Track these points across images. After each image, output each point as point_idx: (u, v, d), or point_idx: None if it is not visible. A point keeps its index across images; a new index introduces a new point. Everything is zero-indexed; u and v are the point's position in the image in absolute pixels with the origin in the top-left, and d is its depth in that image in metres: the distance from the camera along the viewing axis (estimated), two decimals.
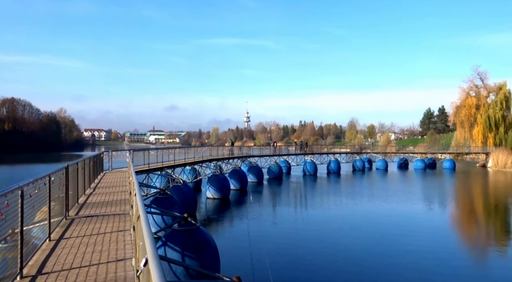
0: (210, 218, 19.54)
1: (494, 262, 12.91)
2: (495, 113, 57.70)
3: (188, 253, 9.12)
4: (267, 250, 12.73)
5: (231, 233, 16.47)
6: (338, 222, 18.23)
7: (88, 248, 5.87)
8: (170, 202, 15.68)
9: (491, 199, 28.39)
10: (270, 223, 17.83)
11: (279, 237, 15.30)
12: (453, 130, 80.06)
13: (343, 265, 11.75)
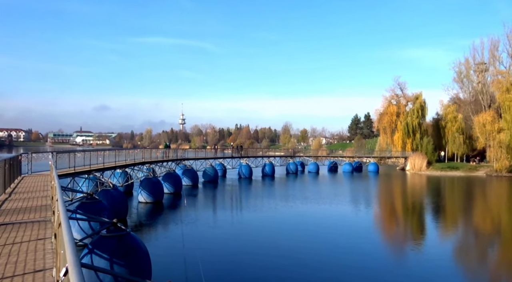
0: (142, 223, 18.81)
1: (412, 257, 14.08)
2: (412, 120, 63.15)
3: (117, 260, 8.67)
4: (202, 255, 12.56)
5: (164, 238, 16.01)
6: (274, 224, 18.58)
7: (1, 259, 5.30)
8: (98, 207, 14.81)
9: (409, 199, 31.05)
10: (205, 227, 17.63)
11: (215, 241, 15.18)
12: (377, 136, 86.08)
13: (279, 267, 11.97)
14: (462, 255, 14.82)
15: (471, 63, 68.00)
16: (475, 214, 24.53)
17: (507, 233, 18.77)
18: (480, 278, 12.14)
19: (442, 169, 56.28)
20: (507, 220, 22.26)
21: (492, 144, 56.42)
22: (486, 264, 13.90)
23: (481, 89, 66.22)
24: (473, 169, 56.03)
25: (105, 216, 13.48)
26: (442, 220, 21.96)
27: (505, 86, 55.64)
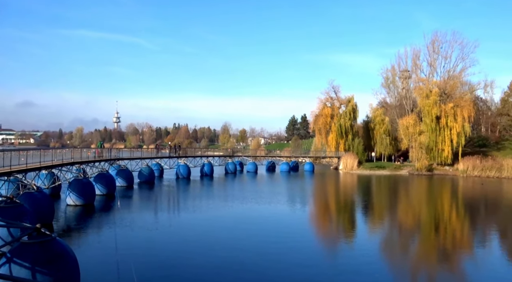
0: (71, 228, 17.63)
1: (344, 252, 14.86)
2: (345, 122, 66.68)
3: (40, 268, 8.03)
4: (137, 259, 12.11)
5: (96, 242, 15.14)
6: (213, 225, 18.46)
7: None
8: (19, 211, 13.62)
9: (341, 197, 32.72)
10: (141, 229, 16.98)
11: (151, 244, 14.67)
12: (313, 137, 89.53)
13: (219, 269, 11.90)
14: (388, 249, 15.96)
15: (396, 70, 73.48)
16: (399, 210, 26.56)
17: (426, 226, 20.57)
18: (402, 269, 13.16)
19: (371, 168, 60.10)
20: (426, 215, 24.39)
21: (414, 145, 61.45)
22: (408, 255, 15.12)
23: (405, 94, 71.88)
24: (398, 168, 60.60)
25: (27, 221, 12.45)
26: (371, 216, 23.46)
27: (425, 92, 60.90)
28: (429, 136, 59.08)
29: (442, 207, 28.60)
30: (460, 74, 64.56)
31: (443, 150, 58.32)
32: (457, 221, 22.85)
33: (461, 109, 58.50)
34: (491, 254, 15.16)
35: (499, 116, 76.97)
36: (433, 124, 58.83)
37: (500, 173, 54.59)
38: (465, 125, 58.54)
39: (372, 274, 11.73)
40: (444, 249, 15.86)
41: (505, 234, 19.44)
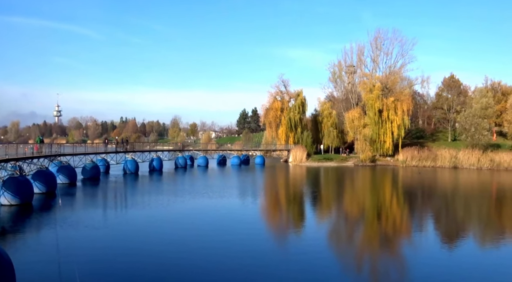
0: (5, 229, 16.38)
1: (293, 243, 15.25)
2: (294, 116, 68.16)
3: None
4: (80, 260, 11.55)
5: (34, 244, 14.19)
6: (164, 221, 18.05)
7: None
8: None
9: (291, 189, 33.52)
10: (85, 228, 16.18)
11: (96, 244, 14.02)
12: (264, 130, 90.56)
13: (170, 266, 11.66)
14: (335, 237, 16.64)
15: (343, 65, 76.25)
16: (345, 200, 27.76)
17: (369, 214, 21.70)
18: (348, 255, 13.80)
19: (319, 160, 62.09)
20: (370, 203, 25.74)
21: (359, 137, 64.36)
22: (353, 242, 15.87)
23: (351, 89, 74.87)
24: (344, 160, 63.17)
25: None
26: (319, 207, 24.29)
27: (369, 87, 63.83)
28: (372, 129, 62.12)
29: (384, 195, 30.33)
30: (400, 70, 68.47)
31: (385, 141, 61.66)
32: (397, 208, 24.34)
33: (401, 103, 62.08)
34: (427, 238, 16.36)
35: (434, 110, 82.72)
36: (376, 118, 61.92)
37: (435, 162, 58.89)
38: (405, 118, 62.30)
39: (320, 261, 12.17)
40: (386, 235, 16.85)
41: (439, 219, 21.06)
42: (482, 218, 21.39)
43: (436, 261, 12.63)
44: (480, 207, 25.13)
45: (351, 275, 11.66)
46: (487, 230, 18.27)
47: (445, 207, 24.92)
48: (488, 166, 56.18)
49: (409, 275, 11.52)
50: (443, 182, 40.83)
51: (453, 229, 18.35)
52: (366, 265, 12.95)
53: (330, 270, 11.62)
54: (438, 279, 10.78)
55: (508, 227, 19.12)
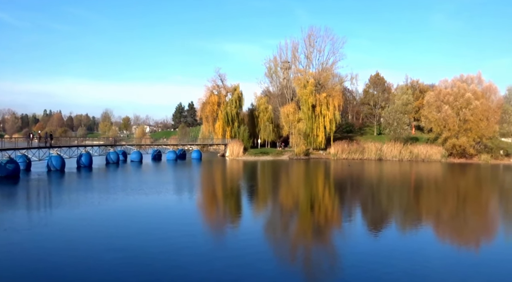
0: None
1: (230, 236, 15.36)
2: (231, 110, 68.33)
3: None
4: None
5: None
6: (95, 220, 17.05)
7: None
8: None
9: (228, 183, 33.66)
10: (3, 232, 14.76)
11: (13, 249, 12.85)
12: (201, 124, 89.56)
13: (101, 267, 11.11)
14: (270, 229, 17.07)
15: (278, 61, 77.91)
16: (280, 192, 28.57)
17: (303, 206, 22.58)
18: (283, 246, 14.25)
19: (256, 154, 63.08)
20: (303, 195, 26.78)
21: (293, 131, 66.45)
22: (288, 233, 16.43)
23: (286, 84, 76.85)
24: (280, 154, 64.87)
25: None
26: (255, 200, 24.72)
27: (303, 83, 66.03)
28: (306, 123, 64.51)
29: (317, 187, 31.74)
30: (331, 67, 71.75)
31: (318, 135, 64.43)
32: (329, 200, 25.65)
33: (332, 98, 65.17)
34: (355, 227, 17.47)
35: (362, 106, 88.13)
36: (310, 113, 64.37)
37: (363, 155, 62.90)
38: (336, 113, 65.58)
39: (256, 254, 12.42)
40: (318, 226, 17.69)
41: (366, 208, 22.59)
42: (403, 205, 23.37)
43: (363, 248, 13.54)
44: (401, 195, 27.44)
45: (285, 266, 12.07)
46: (407, 216, 20.00)
47: (371, 197, 26.79)
48: (408, 157, 61.40)
49: (339, 263, 12.23)
50: (369, 173, 43.79)
51: (378, 217, 19.80)
52: (300, 256, 13.48)
53: (265, 262, 11.91)
54: (364, 265, 11.57)
55: (425, 213, 21.12)
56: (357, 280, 10.42)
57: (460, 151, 59.99)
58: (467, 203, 25.52)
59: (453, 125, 60.87)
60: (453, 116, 61.17)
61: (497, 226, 18.62)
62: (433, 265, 11.80)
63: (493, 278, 10.75)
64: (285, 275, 10.93)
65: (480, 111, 59.92)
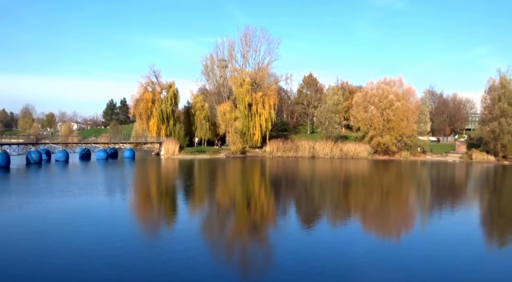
0: None
1: (164, 235, 15.01)
2: (166, 108, 66.62)
3: None
4: None
5: None
6: (17, 227, 15.58)
7: None
8: None
9: (163, 182, 32.80)
10: None
11: None
12: (134, 122, 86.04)
13: (29, 274, 10.20)
14: (207, 227, 17.00)
15: (215, 59, 77.60)
16: (217, 191, 28.54)
17: (240, 203, 22.80)
18: (219, 244, 14.28)
19: (192, 153, 62.27)
20: (240, 193, 27.04)
21: (230, 130, 66.73)
22: (224, 232, 16.48)
23: (223, 82, 76.85)
24: (216, 152, 64.74)
25: None
26: (191, 199, 24.40)
27: (239, 81, 66.55)
28: (242, 122, 65.12)
29: (253, 185, 32.23)
30: (267, 67, 73.21)
31: (254, 134, 65.38)
32: (265, 197, 26.19)
33: (268, 98, 66.53)
34: (290, 222, 18.07)
35: (296, 105, 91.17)
36: (246, 111, 65.07)
37: (297, 152, 65.12)
38: (272, 112, 67.07)
39: (192, 254, 12.31)
40: (254, 223, 18.00)
41: (300, 204, 23.46)
42: (334, 201, 24.66)
43: (297, 243, 14.07)
44: (332, 191, 28.93)
45: (222, 265, 12.12)
46: (337, 211, 21.15)
47: (304, 193, 27.87)
48: (338, 155, 64.81)
49: (274, 260, 12.57)
50: (303, 170, 45.49)
51: (311, 212, 20.68)
52: (236, 255, 13.60)
53: (202, 262, 11.85)
54: (298, 261, 12.03)
55: (353, 207, 22.50)
56: (291, 276, 10.80)
57: (384, 148, 64.75)
58: (390, 197, 27.67)
59: (378, 125, 65.46)
60: (378, 116, 65.77)
61: (415, 217, 20.44)
62: (360, 256, 12.63)
63: (412, 264, 11.81)
64: (221, 276, 10.97)
65: (401, 111, 65.17)
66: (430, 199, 27.14)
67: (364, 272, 11.17)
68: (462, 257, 12.78)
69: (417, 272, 11.14)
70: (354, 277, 10.82)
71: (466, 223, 18.79)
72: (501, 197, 28.51)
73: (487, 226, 18.99)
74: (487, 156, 63.27)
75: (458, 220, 19.36)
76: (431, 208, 22.86)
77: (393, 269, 11.51)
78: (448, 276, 11.00)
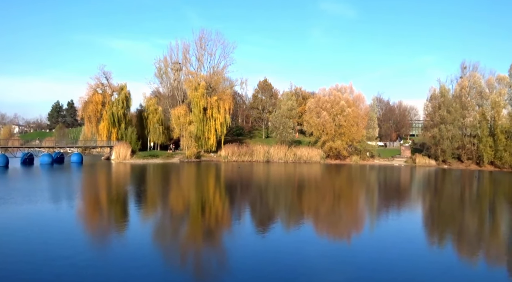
0: None
1: (116, 245, 14.42)
2: (117, 110, 64.33)
3: None
4: None
5: None
6: None
7: None
8: None
9: (113, 188, 31.52)
10: None
11: None
12: (82, 125, 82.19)
13: None
14: (160, 234, 16.57)
15: (169, 61, 76.37)
16: (170, 196, 27.94)
17: (194, 209, 22.49)
18: (172, 251, 13.98)
19: (145, 157, 60.56)
20: (194, 198, 26.67)
21: (185, 134, 65.81)
22: (178, 238, 16.16)
23: (177, 86, 75.71)
24: (170, 156, 63.49)
25: None
26: (143, 205, 23.68)
27: (194, 85, 65.96)
28: (197, 126, 64.50)
29: (208, 190, 31.94)
30: (222, 71, 73.21)
31: (209, 138, 64.96)
32: (220, 202, 26.04)
33: (223, 102, 66.47)
34: (244, 226, 18.11)
35: (251, 110, 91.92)
36: (201, 115, 64.56)
37: (252, 157, 65.56)
38: (227, 116, 67.03)
39: (145, 261, 11.95)
40: (209, 227, 17.82)
41: (254, 208, 23.58)
42: (287, 204, 25.07)
43: (252, 247, 14.13)
44: (286, 195, 29.41)
45: (175, 271, 11.87)
46: (291, 214, 21.52)
47: (259, 197, 28.08)
48: (292, 159, 66.10)
49: (229, 265, 12.53)
50: (258, 174, 45.83)
51: (265, 216, 20.87)
52: (190, 260, 13.39)
53: (155, 268, 11.53)
54: (253, 264, 12.08)
55: (306, 210, 23.02)
56: (245, 281, 10.82)
57: (336, 153, 66.99)
58: (341, 200, 28.64)
59: (330, 130, 67.64)
60: (330, 121, 68.00)
61: (364, 219, 21.32)
62: (314, 258, 12.95)
63: (362, 264, 12.30)
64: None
65: (352, 117, 67.89)
66: (378, 201, 28.44)
67: (317, 275, 11.45)
68: (407, 255, 13.51)
69: (368, 273, 11.61)
70: (308, 280, 11.05)
71: (411, 223, 19.92)
72: (441, 199, 30.53)
73: (428, 226, 20.24)
74: (429, 160, 67.57)
75: (403, 220, 20.48)
76: (379, 210, 23.97)
77: (345, 271, 11.90)
78: (396, 273, 11.57)
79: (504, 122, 64.33)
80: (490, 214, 24.23)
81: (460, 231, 18.74)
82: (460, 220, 21.37)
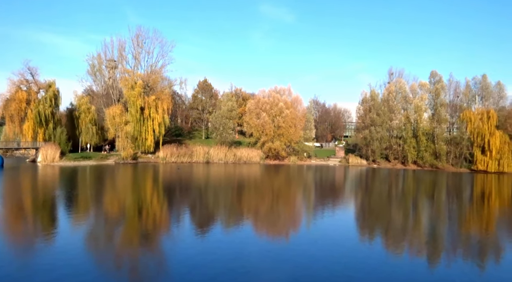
0: None
1: (43, 253, 13.40)
2: (45, 109, 59.69)
3: None
4: None
5: None
6: None
7: None
8: None
9: (39, 193, 29.19)
10: None
11: None
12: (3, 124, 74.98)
13: None
14: (93, 239, 15.70)
15: (103, 58, 72.62)
16: (104, 200, 26.58)
17: (130, 212, 21.63)
18: (107, 256, 13.33)
19: (76, 159, 56.93)
20: (130, 201, 25.65)
21: (121, 134, 63.05)
22: (113, 243, 15.44)
23: (112, 84, 72.26)
24: (104, 158, 60.38)
25: None
26: (74, 210, 22.26)
27: (131, 84, 63.49)
28: (134, 126, 62.11)
29: (145, 192, 30.91)
30: (160, 70, 71.33)
31: (146, 139, 62.84)
32: (157, 204, 25.34)
33: (161, 101, 64.74)
34: (183, 228, 17.83)
35: (191, 110, 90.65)
36: (138, 115, 62.26)
37: (192, 158, 64.69)
38: (165, 116, 65.35)
39: (77, 268, 11.27)
40: (146, 232, 17.26)
41: (194, 209, 23.30)
42: (227, 205, 25.13)
43: (191, 249, 13.96)
44: (226, 195, 29.46)
45: (110, 276, 11.35)
46: (231, 214, 21.61)
47: (199, 199, 27.79)
48: (232, 160, 66.31)
49: (166, 269, 12.26)
50: (198, 176, 45.32)
51: (205, 217, 20.72)
52: (126, 264, 12.88)
53: (88, 274, 10.92)
54: (192, 266, 11.95)
55: (246, 210, 23.25)
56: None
57: (275, 153, 68.47)
58: (280, 199, 29.37)
59: (269, 131, 68.98)
60: (269, 122, 69.35)
61: (301, 217, 22.08)
62: (253, 258, 13.14)
63: (301, 262, 12.74)
64: None
65: (290, 119, 69.88)
66: (314, 200, 29.62)
67: (257, 274, 11.63)
68: (343, 251, 14.26)
69: (307, 271, 12.04)
70: (248, 280, 11.19)
71: (345, 220, 21.05)
72: (371, 196, 32.61)
73: (360, 222, 21.54)
74: (361, 160, 71.79)
75: (338, 217, 21.57)
76: (316, 208, 24.98)
77: (284, 269, 12.23)
78: (333, 270, 12.15)
79: (425, 125, 70.35)
80: (413, 209, 26.41)
81: (388, 226, 20.19)
82: (387, 216, 23.01)
